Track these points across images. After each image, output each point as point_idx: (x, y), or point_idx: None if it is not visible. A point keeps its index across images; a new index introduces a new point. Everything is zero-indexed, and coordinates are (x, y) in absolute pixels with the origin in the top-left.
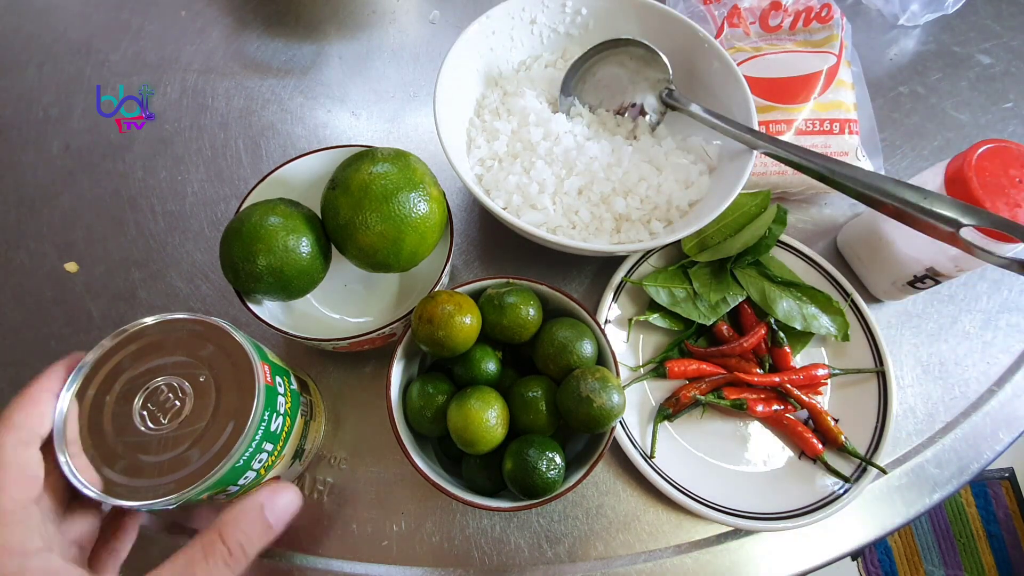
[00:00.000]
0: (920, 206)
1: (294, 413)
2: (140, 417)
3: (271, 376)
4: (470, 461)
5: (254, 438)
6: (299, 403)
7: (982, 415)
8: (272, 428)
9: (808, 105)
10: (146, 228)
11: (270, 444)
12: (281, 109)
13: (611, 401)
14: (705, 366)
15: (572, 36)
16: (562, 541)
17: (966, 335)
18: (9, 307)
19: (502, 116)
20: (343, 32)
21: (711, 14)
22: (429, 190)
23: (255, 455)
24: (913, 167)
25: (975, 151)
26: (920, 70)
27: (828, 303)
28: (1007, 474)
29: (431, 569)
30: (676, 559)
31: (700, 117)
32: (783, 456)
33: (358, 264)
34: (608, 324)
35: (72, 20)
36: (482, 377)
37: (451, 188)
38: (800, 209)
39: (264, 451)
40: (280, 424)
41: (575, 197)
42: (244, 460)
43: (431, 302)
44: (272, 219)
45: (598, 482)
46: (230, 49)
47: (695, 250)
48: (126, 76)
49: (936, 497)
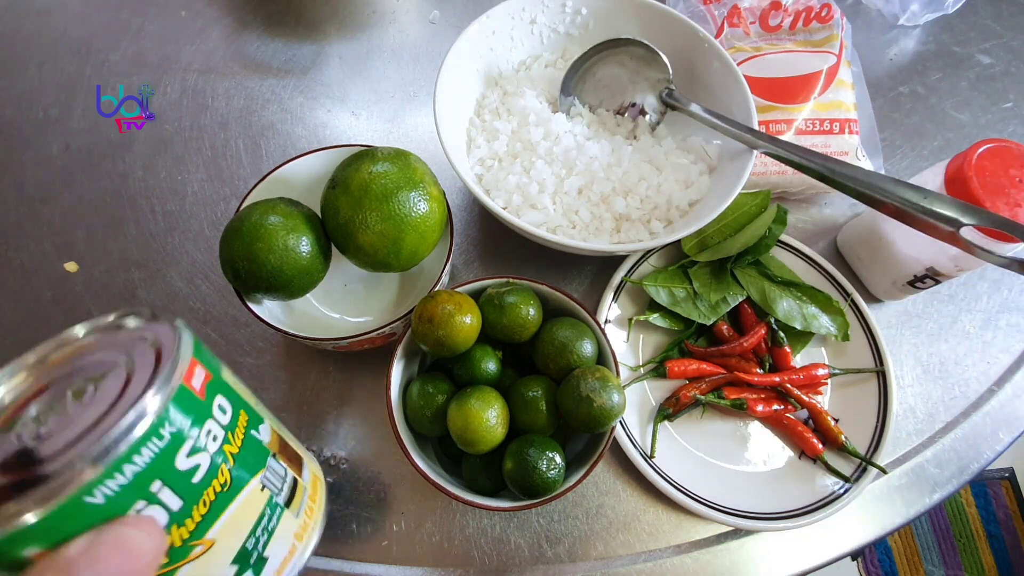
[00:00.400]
0: (920, 206)
1: (242, 469)
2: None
3: (204, 388)
4: (470, 461)
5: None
6: (260, 465)
7: (982, 415)
8: (178, 464)
9: (808, 105)
10: (146, 228)
11: (172, 495)
12: (281, 109)
13: (611, 401)
14: (705, 366)
15: (572, 36)
16: (562, 541)
17: (966, 335)
18: (9, 307)
19: (502, 116)
20: (343, 32)
21: (711, 14)
22: (429, 189)
23: (126, 497)
24: (913, 167)
25: (975, 151)
26: (920, 70)
27: (828, 303)
28: (1007, 474)
29: (431, 569)
30: (676, 559)
31: (700, 117)
32: (783, 456)
33: (358, 264)
34: (608, 324)
35: (72, 20)
36: (482, 377)
37: (451, 188)
38: (800, 209)
39: (159, 502)
40: (204, 469)
41: (575, 197)
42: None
43: (431, 302)
44: (272, 218)
45: (598, 482)
46: (230, 49)
47: (695, 250)
48: (126, 76)
49: (936, 497)
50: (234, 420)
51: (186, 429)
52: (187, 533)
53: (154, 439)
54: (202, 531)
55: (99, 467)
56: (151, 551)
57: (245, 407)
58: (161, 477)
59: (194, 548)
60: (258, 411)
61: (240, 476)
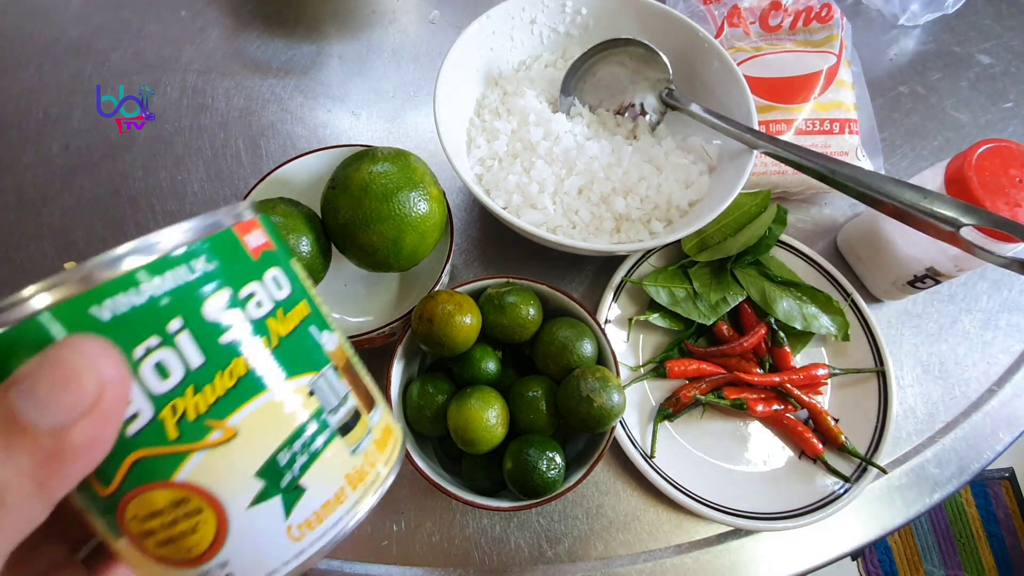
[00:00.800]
0: (920, 206)
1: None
2: None
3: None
4: (470, 461)
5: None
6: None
7: (982, 415)
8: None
9: (808, 105)
10: (146, 228)
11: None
12: (281, 109)
13: (611, 401)
14: (705, 366)
15: (572, 36)
16: (562, 541)
17: (966, 335)
18: None
19: (502, 116)
20: (343, 32)
21: (711, 14)
22: (429, 189)
23: (136, 322)
24: (913, 167)
25: (975, 151)
26: (920, 70)
27: (828, 303)
28: (1007, 474)
29: (431, 569)
30: (676, 559)
31: (700, 117)
32: (783, 456)
33: (358, 263)
34: (608, 324)
35: (72, 20)
36: (482, 377)
37: (451, 188)
38: (800, 209)
39: (165, 338)
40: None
41: (575, 197)
42: (107, 311)
43: (431, 302)
44: (272, 218)
45: (598, 482)
46: (230, 49)
47: (695, 250)
48: (126, 76)
49: (936, 497)
50: (290, 302)
51: (222, 276)
52: (205, 406)
53: (181, 267)
54: (223, 411)
55: (113, 270)
56: (97, 382)
57: (309, 300)
58: (183, 315)
59: (211, 432)
60: (328, 320)
61: (283, 364)
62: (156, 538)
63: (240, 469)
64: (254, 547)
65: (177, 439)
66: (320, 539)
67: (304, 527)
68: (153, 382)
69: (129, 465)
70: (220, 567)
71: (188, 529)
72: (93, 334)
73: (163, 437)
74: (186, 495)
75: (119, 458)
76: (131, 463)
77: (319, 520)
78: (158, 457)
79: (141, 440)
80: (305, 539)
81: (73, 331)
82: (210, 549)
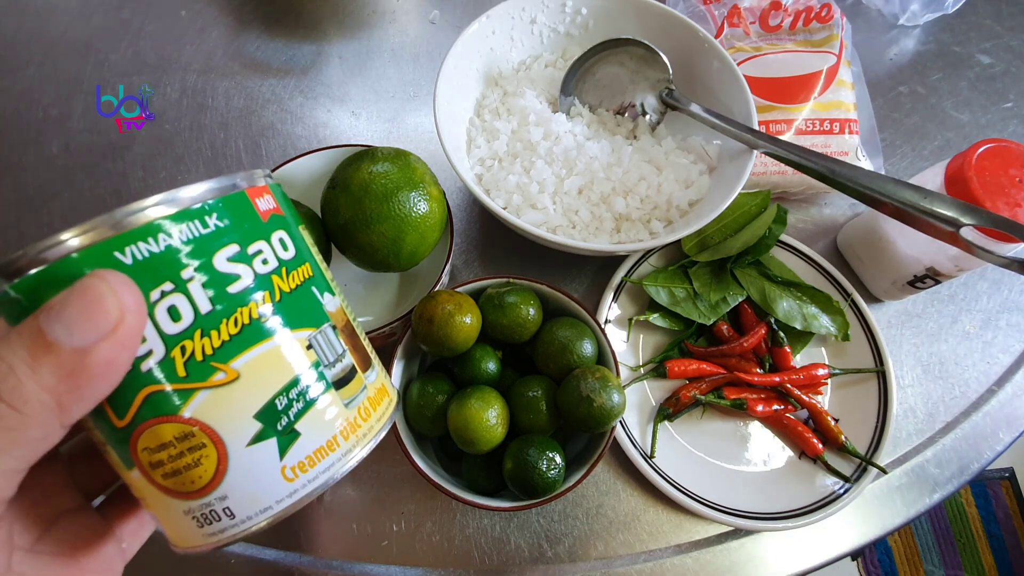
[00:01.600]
0: (920, 206)
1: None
2: None
3: (269, 215)
4: (470, 461)
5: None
6: (315, 322)
7: (982, 415)
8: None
9: (808, 105)
10: None
11: (200, 288)
12: (281, 109)
13: (611, 401)
14: (705, 366)
15: (572, 36)
16: (562, 541)
17: (966, 335)
18: None
19: (502, 116)
20: (343, 32)
21: (711, 14)
22: (429, 189)
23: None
24: (913, 167)
25: (975, 151)
26: (920, 70)
27: (828, 303)
28: (1007, 474)
29: (431, 569)
30: (676, 559)
31: (700, 117)
32: (783, 456)
33: (358, 263)
34: (608, 324)
35: (72, 20)
36: (482, 377)
37: (451, 188)
38: (800, 209)
39: (179, 284)
40: (244, 282)
41: (575, 197)
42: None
43: (431, 302)
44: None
45: (598, 482)
46: (230, 49)
47: (695, 250)
48: (126, 76)
49: (936, 497)
50: (294, 262)
51: (233, 232)
52: (211, 348)
53: (196, 221)
54: (227, 355)
55: (137, 219)
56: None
57: (313, 263)
58: (196, 264)
59: (215, 373)
60: (332, 285)
61: (285, 317)
62: (164, 469)
63: (240, 409)
64: (251, 484)
65: (185, 377)
66: (312, 481)
67: (297, 469)
68: (166, 323)
69: (142, 399)
70: (220, 500)
71: (192, 462)
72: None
73: (173, 374)
74: (191, 430)
75: (133, 392)
76: (144, 397)
77: (312, 464)
78: (167, 393)
79: (153, 376)
80: (298, 480)
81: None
82: (212, 482)
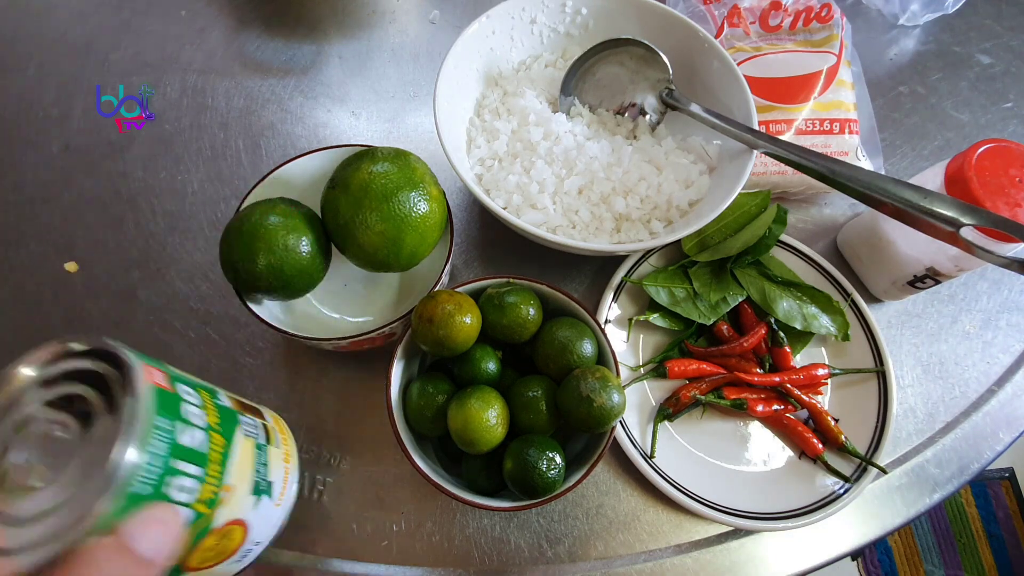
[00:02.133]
0: (920, 206)
1: (227, 431)
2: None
3: (169, 383)
4: (470, 461)
5: (148, 449)
6: (236, 422)
7: (982, 415)
8: (184, 442)
9: (808, 105)
10: (146, 228)
11: (190, 465)
12: (281, 109)
13: (611, 401)
14: (705, 366)
15: (572, 36)
16: (562, 541)
17: (966, 335)
18: (9, 307)
19: (502, 116)
20: (343, 32)
21: (711, 14)
22: (429, 189)
23: (165, 476)
24: (913, 167)
25: (975, 151)
26: (920, 70)
27: (828, 303)
28: (1007, 474)
29: (431, 569)
30: (676, 559)
31: (700, 117)
32: (783, 456)
33: (358, 264)
34: (608, 324)
35: (72, 20)
36: (482, 377)
37: (451, 188)
38: (800, 209)
39: (183, 473)
40: (200, 440)
41: (575, 197)
42: (148, 481)
43: (431, 302)
44: (272, 218)
45: (598, 482)
46: (230, 49)
47: (695, 250)
48: (126, 76)
49: (936, 497)
50: (202, 398)
51: (173, 414)
52: (213, 487)
53: (155, 437)
54: (221, 481)
55: (132, 464)
56: (178, 523)
57: (203, 387)
58: (175, 455)
59: (221, 495)
60: (212, 387)
61: (227, 434)
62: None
63: (243, 498)
64: (263, 522)
65: (207, 511)
66: (289, 497)
67: (280, 497)
68: (182, 496)
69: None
70: (252, 544)
71: (227, 540)
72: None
73: (201, 514)
74: (223, 529)
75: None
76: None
77: (284, 490)
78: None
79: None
80: (283, 502)
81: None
82: (243, 541)
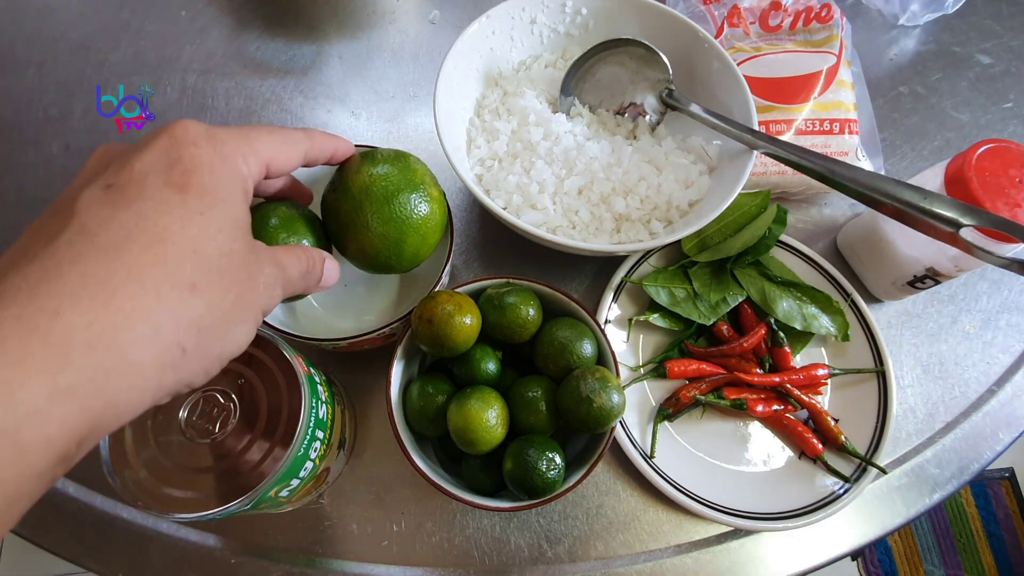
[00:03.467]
0: (920, 206)
1: (332, 401)
2: (190, 430)
3: (307, 366)
4: (470, 461)
5: (309, 425)
6: (333, 392)
7: (982, 415)
8: (320, 415)
9: (808, 105)
10: None
11: (320, 432)
12: (281, 109)
13: (611, 401)
14: (705, 366)
15: (572, 36)
16: (562, 541)
17: (966, 335)
18: None
19: (502, 116)
20: (343, 32)
21: (711, 14)
22: (430, 191)
23: (311, 443)
24: (913, 167)
25: (975, 151)
26: (920, 70)
27: (828, 303)
28: (1007, 474)
29: (431, 569)
30: (676, 559)
31: (700, 117)
32: (783, 456)
33: (359, 265)
34: (608, 324)
35: (72, 20)
36: (482, 377)
37: (451, 188)
38: (800, 209)
39: (317, 439)
40: (325, 412)
41: (575, 197)
42: (303, 448)
43: (431, 302)
44: (272, 220)
45: (598, 482)
46: (230, 49)
47: (695, 250)
48: (126, 76)
49: (936, 497)
50: (320, 376)
51: (315, 395)
52: (326, 446)
53: (311, 414)
54: (329, 442)
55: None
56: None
57: (311, 365)
58: (317, 427)
59: (328, 452)
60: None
61: (332, 403)
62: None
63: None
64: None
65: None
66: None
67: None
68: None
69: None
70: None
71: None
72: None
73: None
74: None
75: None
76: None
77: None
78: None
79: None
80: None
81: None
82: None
